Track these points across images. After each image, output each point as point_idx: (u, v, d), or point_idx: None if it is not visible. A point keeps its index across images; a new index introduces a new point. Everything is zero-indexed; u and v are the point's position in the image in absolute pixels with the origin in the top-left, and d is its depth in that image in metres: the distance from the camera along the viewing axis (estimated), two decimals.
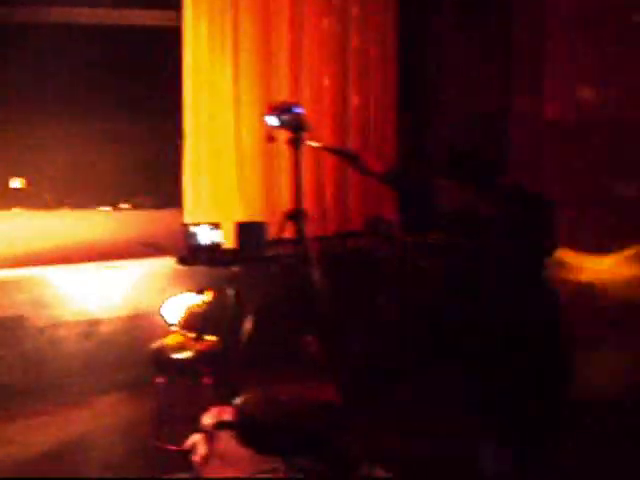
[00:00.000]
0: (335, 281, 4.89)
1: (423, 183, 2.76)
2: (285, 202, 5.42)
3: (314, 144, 3.47)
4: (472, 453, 2.46)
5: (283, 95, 5.56)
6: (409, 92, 6.43)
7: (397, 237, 3.69)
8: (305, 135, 3.36)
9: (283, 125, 3.32)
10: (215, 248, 4.51)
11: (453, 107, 6.26)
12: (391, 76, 6.26)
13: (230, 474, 3.57)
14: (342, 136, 6.00)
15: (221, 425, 3.42)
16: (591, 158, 5.61)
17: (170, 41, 5.72)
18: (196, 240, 4.50)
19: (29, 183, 7.40)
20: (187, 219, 5.36)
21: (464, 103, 6.28)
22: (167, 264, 4.79)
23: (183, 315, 3.98)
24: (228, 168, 5.50)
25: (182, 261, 4.56)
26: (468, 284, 2.28)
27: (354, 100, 6.06)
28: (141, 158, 7.83)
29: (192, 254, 4.49)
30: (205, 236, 4.53)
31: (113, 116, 7.69)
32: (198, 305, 4.00)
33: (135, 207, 7.75)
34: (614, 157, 5.44)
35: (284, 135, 3.43)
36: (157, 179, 7.59)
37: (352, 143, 5.99)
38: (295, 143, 3.35)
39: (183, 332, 3.98)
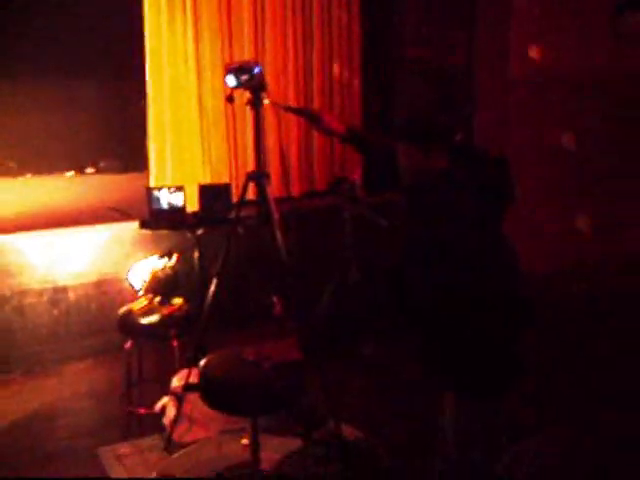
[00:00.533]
0: (300, 241, 4.91)
1: (385, 143, 2.76)
2: (250, 163, 5.39)
3: (275, 104, 3.44)
4: (436, 411, 2.50)
5: (246, 56, 5.49)
6: (374, 52, 6.39)
7: (360, 197, 3.69)
8: (265, 95, 3.32)
9: (242, 85, 3.27)
10: (178, 211, 4.48)
11: (418, 66, 6.24)
12: (355, 35, 6.19)
13: (199, 435, 3.62)
14: (306, 97, 5.96)
15: (189, 387, 3.45)
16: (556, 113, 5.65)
17: (131, 2, 5.61)
18: (159, 204, 4.46)
19: None
20: (152, 182, 5.32)
21: (429, 62, 6.27)
22: (132, 228, 4.74)
23: (148, 279, 3.97)
24: (192, 130, 5.45)
25: (144, 225, 4.52)
26: (427, 242, 2.29)
27: (318, 60, 5.99)
28: (107, 122, 7.76)
29: (155, 218, 4.45)
30: (168, 199, 4.49)
31: (76, 80, 7.60)
32: (163, 269, 3.99)
33: (100, 171, 7.69)
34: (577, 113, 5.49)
35: (246, 96, 3.39)
36: (122, 143, 7.53)
37: (317, 103, 5.95)
38: (255, 103, 3.32)
39: (149, 296, 3.98)
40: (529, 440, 3.53)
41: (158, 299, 3.97)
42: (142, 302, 3.98)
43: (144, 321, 3.88)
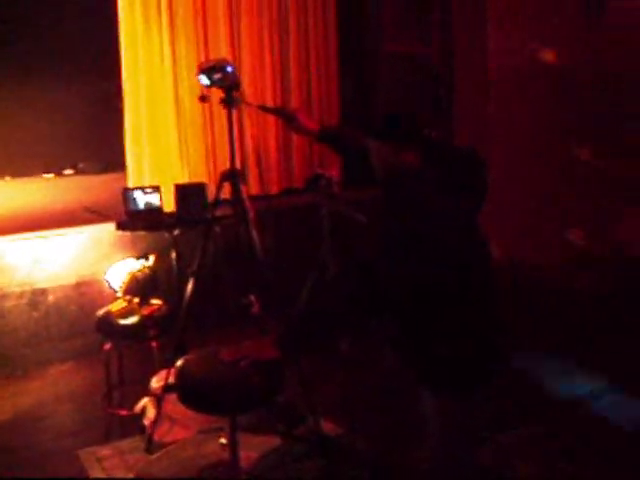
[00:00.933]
0: (278, 239, 4.91)
1: (358, 141, 2.76)
2: (227, 163, 5.39)
3: (248, 103, 3.44)
4: (415, 402, 2.50)
5: (222, 55, 5.48)
6: (351, 47, 6.40)
7: (337, 193, 3.70)
8: (238, 94, 3.32)
9: (214, 84, 3.27)
10: (155, 212, 4.47)
11: (396, 61, 6.25)
12: (332, 31, 6.18)
13: (180, 435, 3.63)
14: (284, 95, 5.95)
15: (169, 388, 3.45)
16: (535, 109, 5.67)
17: (105, 2, 5.59)
18: (135, 204, 4.45)
19: None
20: (130, 183, 5.31)
21: (408, 56, 6.28)
22: (110, 230, 4.73)
23: (126, 281, 3.96)
24: (169, 131, 5.44)
25: (121, 226, 4.51)
26: (401, 236, 2.28)
27: (295, 58, 5.99)
28: (85, 123, 7.72)
29: (131, 219, 4.44)
30: (144, 200, 4.48)
31: (52, 82, 7.55)
32: (141, 270, 3.98)
33: (79, 173, 7.66)
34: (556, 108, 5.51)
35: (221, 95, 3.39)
36: (101, 144, 7.49)
37: (294, 101, 5.95)
38: (228, 102, 3.32)
39: (128, 298, 3.97)
40: (514, 431, 3.56)
41: (137, 300, 3.96)
42: (121, 303, 3.97)
43: (123, 322, 3.87)
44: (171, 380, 3.37)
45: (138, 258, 4.03)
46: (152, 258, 4.06)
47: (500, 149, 5.76)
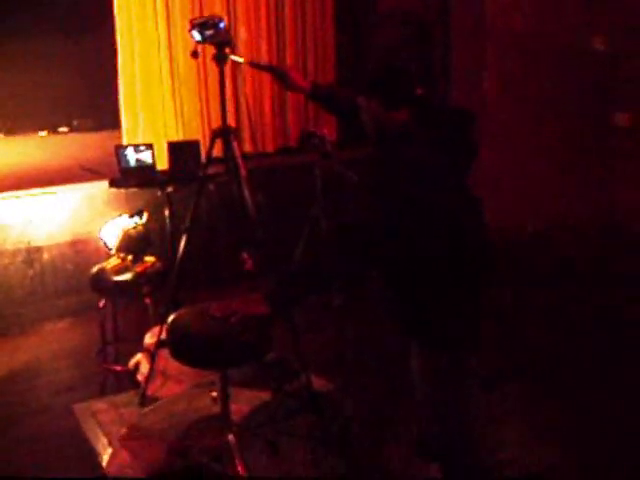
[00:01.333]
0: (271, 197, 4.91)
1: (348, 98, 2.74)
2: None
3: (240, 60, 3.41)
4: (406, 361, 2.51)
5: (217, 11, 5.43)
6: (347, 4, 6.32)
7: (330, 152, 3.69)
8: (230, 50, 3.30)
9: (206, 40, 3.25)
10: (147, 169, 4.45)
11: (391, 16, 6.17)
12: None
13: (174, 390, 3.67)
14: (279, 53, 5.91)
15: (162, 343, 3.48)
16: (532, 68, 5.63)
17: None
18: (127, 162, 4.43)
19: None
20: (124, 140, 5.30)
21: (404, 12, 6.19)
22: (104, 188, 4.73)
23: (120, 238, 3.96)
24: (163, 87, 5.41)
25: (114, 184, 4.50)
26: (393, 198, 2.27)
27: (290, 14, 5.93)
28: (80, 79, 7.67)
29: (124, 176, 4.43)
30: (137, 157, 4.46)
31: (48, 37, 7.49)
32: (134, 227, 3.98)
33: (73, 130, 7.64)
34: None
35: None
36: (96, 100, 7.45)
37: (289, 59, 5.91)
38: (219, 59, 3.30)
39: (121, 255, 3.98)
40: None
41: (130, 257, 3.97)
42: (115, 261, 3.98)
43: (117, 279, 3.88)
44: (164, 336, 3.41)
45: (132, 215, 4.03)
46: (146, 215, 4.06)
47: (495, 115, 5.73)
